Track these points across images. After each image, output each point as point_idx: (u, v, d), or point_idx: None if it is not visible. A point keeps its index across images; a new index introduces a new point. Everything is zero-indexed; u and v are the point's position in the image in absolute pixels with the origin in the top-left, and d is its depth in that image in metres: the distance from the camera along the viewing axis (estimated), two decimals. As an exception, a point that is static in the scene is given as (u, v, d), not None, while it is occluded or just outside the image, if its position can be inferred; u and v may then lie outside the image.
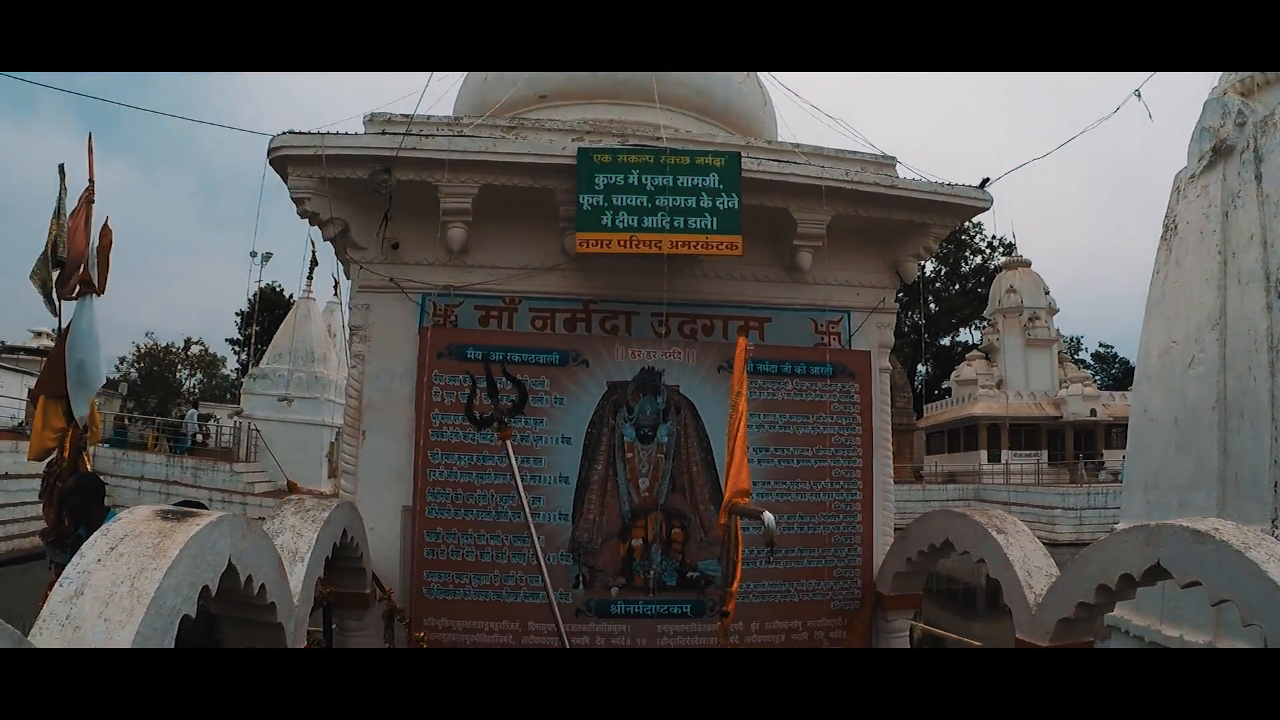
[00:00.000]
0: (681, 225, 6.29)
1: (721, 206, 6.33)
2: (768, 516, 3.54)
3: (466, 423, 6.36)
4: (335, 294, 36.03)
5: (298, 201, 6.57)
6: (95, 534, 2.89)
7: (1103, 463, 45.99)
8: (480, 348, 6.53)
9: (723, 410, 6.26)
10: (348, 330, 7.15)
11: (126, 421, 38.45)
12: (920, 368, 62.93)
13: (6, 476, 22.77)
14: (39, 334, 47.65)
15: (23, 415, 28.78)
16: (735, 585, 3.88)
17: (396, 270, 6.81)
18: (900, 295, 7.85)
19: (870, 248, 7.41)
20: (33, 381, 8.71)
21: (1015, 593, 5.31)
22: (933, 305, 63.03)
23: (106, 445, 30.08)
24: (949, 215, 7.23)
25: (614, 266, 6.72)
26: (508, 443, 5.69)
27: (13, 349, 48.02)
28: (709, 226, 6.31)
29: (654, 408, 6.75)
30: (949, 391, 55.66)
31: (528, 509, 5.67)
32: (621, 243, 6.27)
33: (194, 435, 34.93)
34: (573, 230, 6.37)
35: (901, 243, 7.35)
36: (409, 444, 6.63)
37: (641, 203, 6.28)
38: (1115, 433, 45.26)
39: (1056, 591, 4.99)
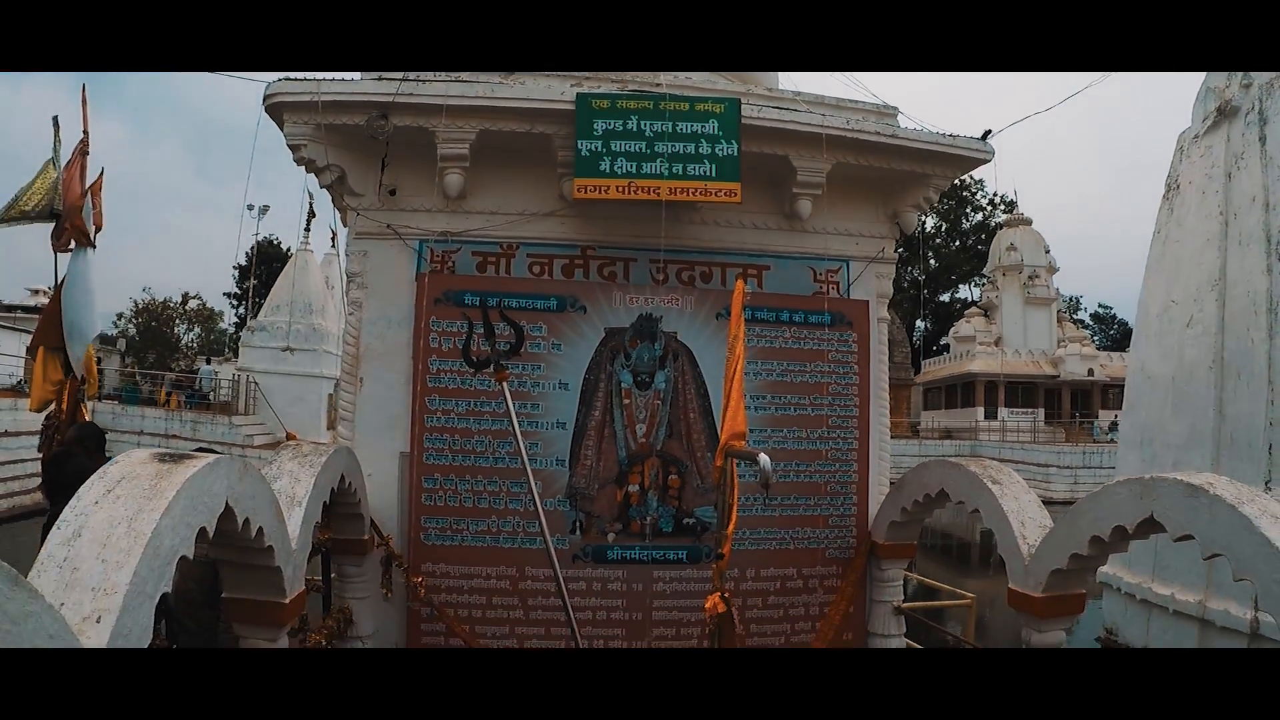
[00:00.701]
0: (680, 172, 6.26)
1: (721, 153, 6.29)
2: (763, 459, 3.54)
3: (464, 368, 6.37)
4: (333, 245, 35.80)
5: (294, 148, 6.53)
6: (92, 477, 2.89)
7: (1095, 419, 46.09)
8: (478, 293, 6.51)
9: (720, 357, 6.27)
10: (345, 278, 7.13)
11: (137, 378, 38.49)
12: (919, 323, 62.87)
13: (6, 434, 22.80)
14: (36, 292, 47.52)
15: (21, 373, 28.80)
16: (730, 528, 3.88)
17: (393, 217, 6.78)
18: (900, 250, 7.83)
19: (870, 197, 7.38)
20: (30, 339, 8.69)
21: (1009, 543, 5.34)
22: (933, 261, 62.82)
23: (118, 401, 30.14)
24: (950, 166, 7.19)
25: (612, 213, 6.69)
26: (504, 385, 5.69)
27: (10, 308, 47.90)
28: (708, 173, 6.28)
29: (651, 354, 6.76)
30: (947, 348, 55.58)
31: (524, 454, 5.69)
32: (620, 189, 6.24)
33: (209, 390, 34.90)
34: (571, 176, 6.34)
35: (902, 193, 7.31)
36: (406, 390, 6.64)
37: (640, 149, 6.24)
38: (1112, 393, 45.27)
39: (1050, 542, 5.02)
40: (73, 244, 7.14)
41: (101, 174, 7.55)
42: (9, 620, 1.98)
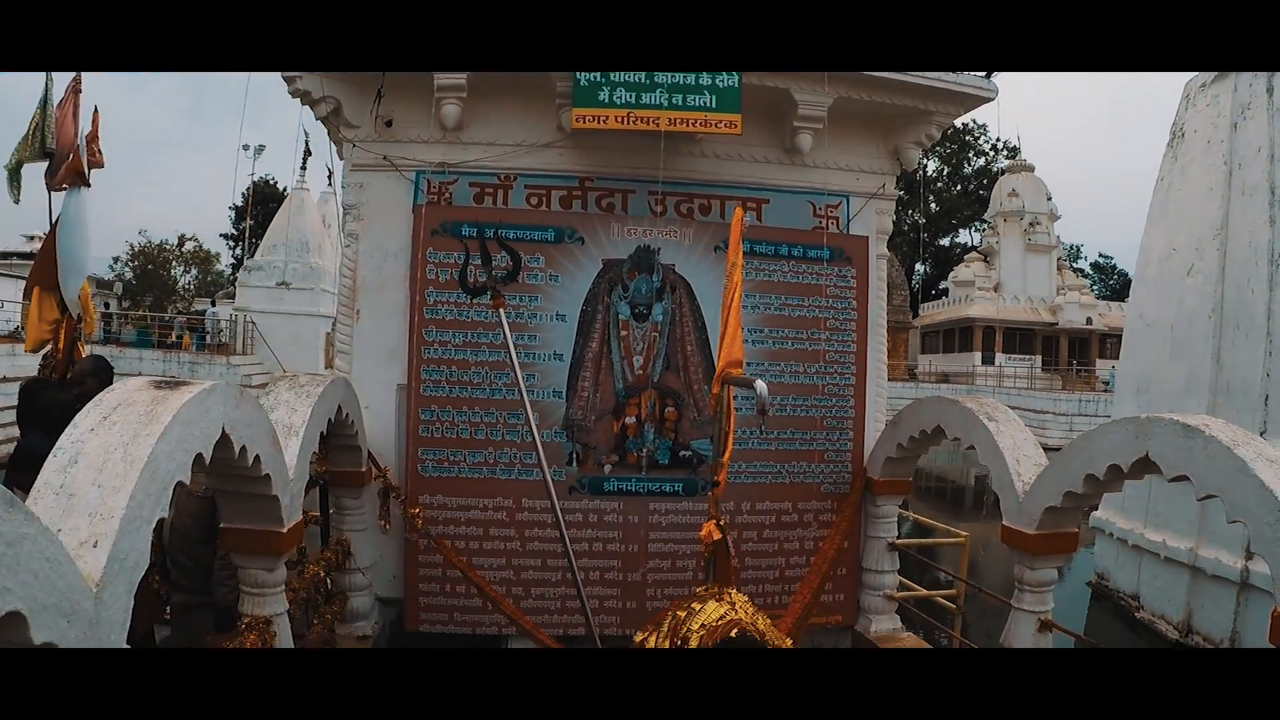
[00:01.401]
0: (680, 103, 6.19)
1: (721, 85, 6.22)
2: (760, 385, 3.53)
3: (461, 299, 6.37)
4: (329, 184, 35.57)
5: (289, 80, 6.46)
6: (88, 405, 2.88)
7: (1094, 368, 46.16)
8: (475, 225, 6.47)
9: (718, 290, 6.25)
10: (341, 211, 7.08)
11: (148, 320, 38.50)
12: (918, 267, 62.69)
13: (5, 380, 22.79)
14: (31, 238, 47.22)
15: (19, 320, 28.68)
16: (726, 456, 3.89)
17: (390, 148, 6.72)
18: (901, 193, 7.78)
19: (872, 133, 7.32)
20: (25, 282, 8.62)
21: (1004, 480, 5.36)
22: (933, 205, 62.49)
23: (115, 345, 30.08)
24: (953, 104, 7.12)
25: (611, 144, 6.64)
26: (501, 311, 5.68)
27: (5, 254, 47.65)
28: (708, 104, 6.21)
29: (649, 286, 6.73)
30: (946, 292, 55.49)
31: (521, 383, 5.68)
32: (619, 119, 6.18)
33: (215, 331, 34.91)
34: (569, 107, 6.27)
35: (904, 129, 7.25)
36: (403, 322, 6.63)
37: (640, 79, 6.17)
38: (1110, 343, 45.27)
39: (1045, 480, 5.04)
40: (66, 184, 7.07)
41: (96, 114, 7.45)
42: (4, 543, 1.98)
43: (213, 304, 41.92)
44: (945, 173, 64.99)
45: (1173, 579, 11.00)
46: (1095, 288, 61.90)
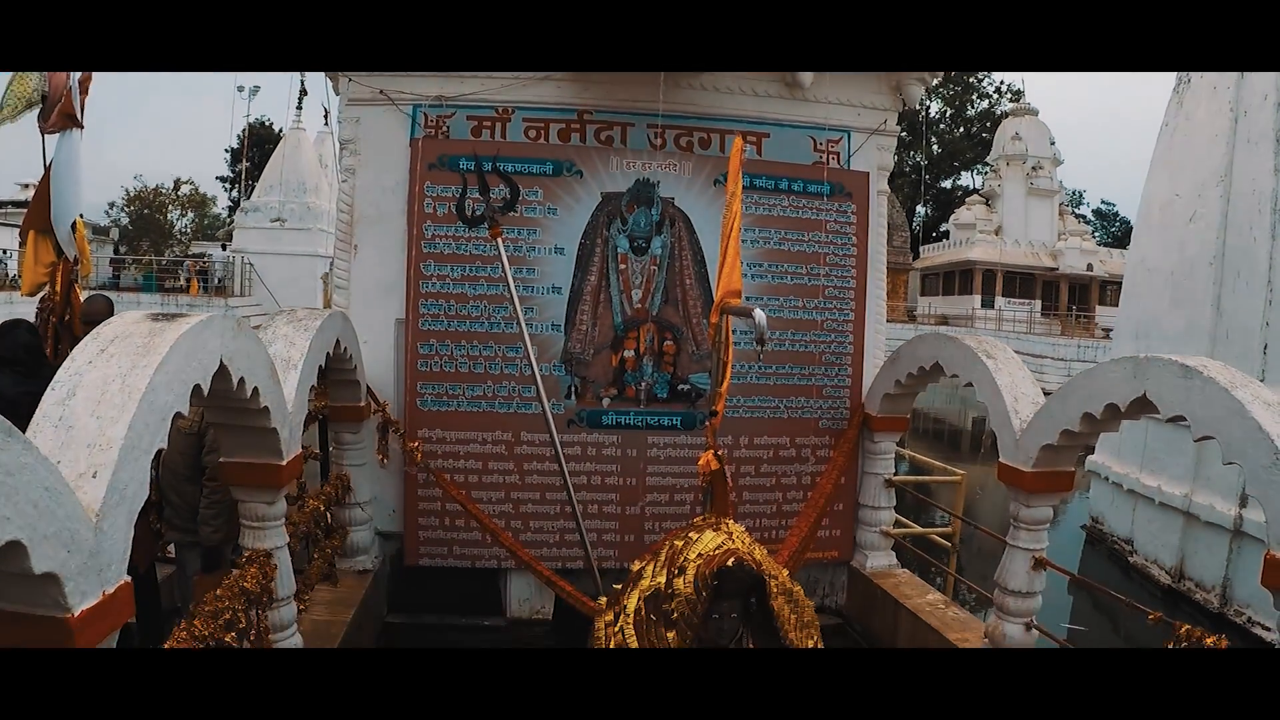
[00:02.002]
0: (680, 34, 6.10)
1: (722, 15, 6.12)
2: (758, 314, 3.51)
3: (460, 233, 6.34)
4: (325, 124, 35.21)
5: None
6: (85, 338, 2.87)
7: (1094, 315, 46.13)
8: (472, 158, 6.42)
9: (718, 224, 6.20)
10: (338, 148, 7.02)
11: (155, 266, 38.35)
12: (919, 209, 62.39)
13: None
14: (26, 186, 46.65)
15: (15, 268, 28.51)
16: (724, 386, 3.89)
17: (386, 81, 6.64)
18: (903, 133, 7.70)
19: (874, 66, 7.22)
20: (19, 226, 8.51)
21: (1001, 417, 5.36)
22: (935, 147, 62.04)
23: (115, 290, 29.98)
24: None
25: (610, 76, 6.56)
26: (499, 241, 5.64)
27: (0, 203, 47.13)
28: (708, 36, 6.12)
29: (648, 220, 6.69)
30: (947, 235, 55.17)
31: (520, 315, 5.68)
32: (618, 50, 6.09)
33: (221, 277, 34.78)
34: (568, 37, 6.18)
35: (906, 63, 7.15)
36: (401, 257, 6.60)
37: (639, 9, 6.07)
38: (1110, 289, 45.11)
39: (1042, 418, 5.03)
40: (58, 127, 6.99)
41: None
42: (3, 472, 1.99)
43: (223, 248, 41.60)
44: (948, 115, 64.45)
45: (1167, 524, 11.06)
46: (1097, 234, 61.62)
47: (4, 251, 28.58)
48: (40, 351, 5.29)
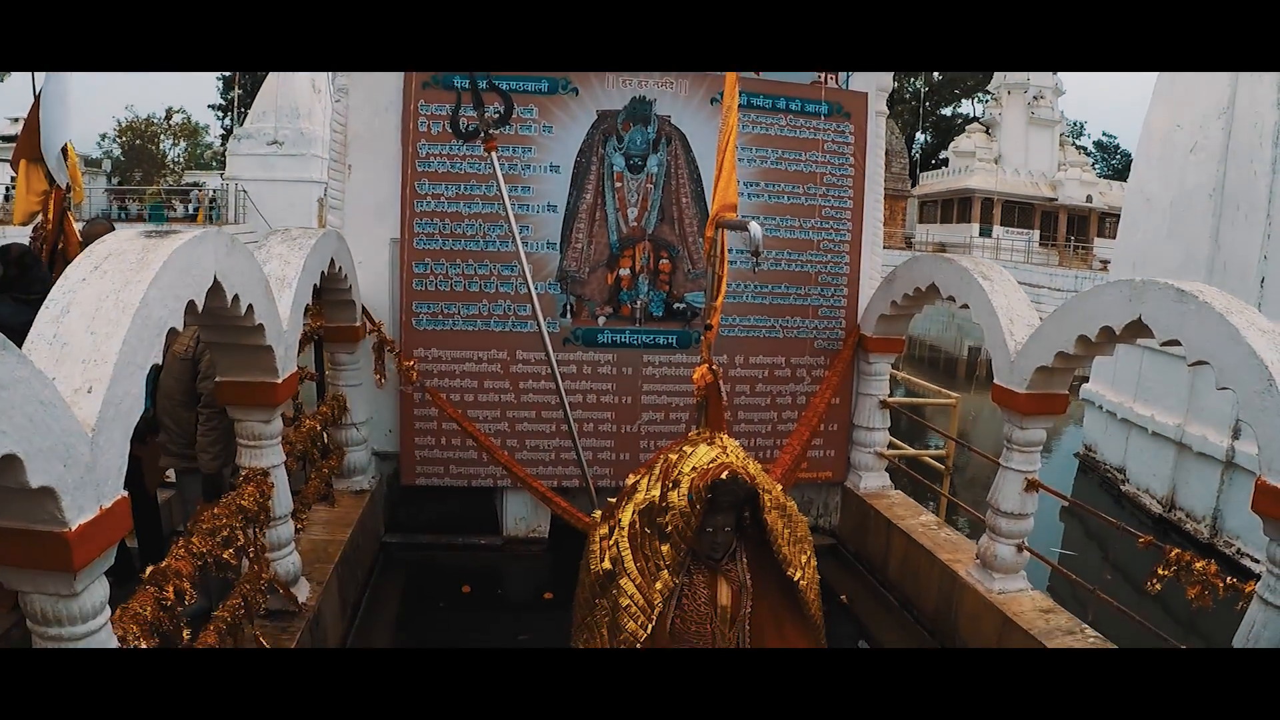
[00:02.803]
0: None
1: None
2: (754, 226, 3.50)
3: (454, 151, 6.29)
4: (320, 46, 34.58)
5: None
6: (79, 256, 2.86)
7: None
8: (466, 75, 6.33)
9: (714, 143, 6.13)
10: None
11: (162, 196, 38.05)
12: (919, 136, 61.88)
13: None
14: (16, 120, 45.98)
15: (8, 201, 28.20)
16: (719, 299, 3.87)
17: (380, -3, 6.50)
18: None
19: (875, -18, 7.09)
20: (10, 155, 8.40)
21: (996, 339, 5.36)
22: (936, 73, 61.29)
23: (150, 220, 29.72)
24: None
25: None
26: (494, 156, 5.59)
27: (-8, 137, 46.52)
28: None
29: (644, 138, 6.62)
30: (946, 163, 54.74)
31: (516, 233, 5.65)
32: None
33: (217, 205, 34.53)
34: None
35: (908, -21, 7.02)
36: (395, 176, 6.54)
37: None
38: (1109, 222, 44.86)
39: (1037, 339, 5.03)
40: None
41: None
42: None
43: (222, 178, 41.21)
44: (950, 40, 63.44)
45: (1159, 454, 11.13)
46: (1097, 166, 61.10)
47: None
48: (37, 260, 5.27)
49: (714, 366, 3.73)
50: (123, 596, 2.90)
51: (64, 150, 6.72)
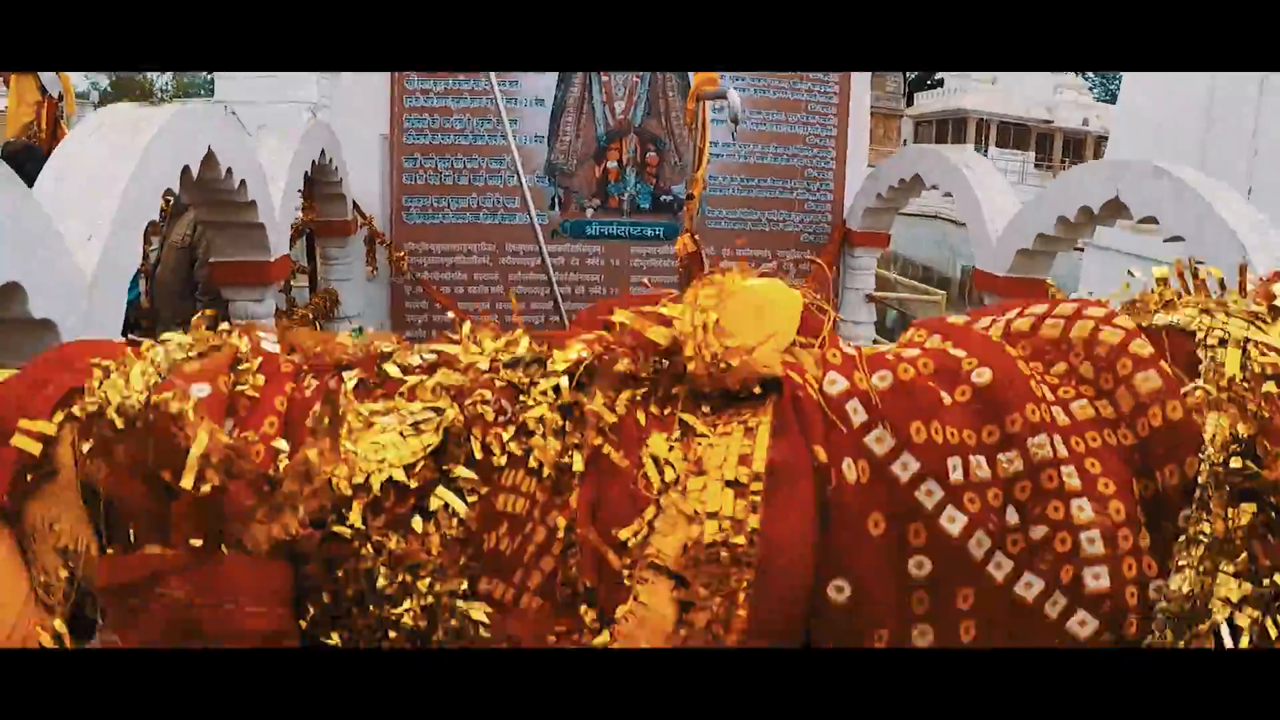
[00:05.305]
0: None
1: None
2: (732, 94, 3.57)
3: None
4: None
5: None
6: (76, 126, 2.97)
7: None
8: None
9: (700, 34, 6.16)
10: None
11: None
12: (914, 56, 61.04)
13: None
14: (2, 34, 45.20)
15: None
16: (701, 171, 3.94)
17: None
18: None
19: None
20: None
21: (978, 224, 5.44)
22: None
23: None
24: None
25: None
26: None
27: (-23, 56, 45.76)
28: None
29: (632, 29, 6.62)
30: (941, 83, 54.21)
31: (507, 125, 5.69)
32: None
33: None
34: None
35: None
36: (384, 72, 6.54)
37: None
38: (1105, 146, 44.50)
39: (1018, 222, 5.11)
40: None
41: None
42: (3, 213, 2.10)
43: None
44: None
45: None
46: (1094, 91, 60.45)
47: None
48: (38, 148, 5.34)
49: (695, 236, 3.81)
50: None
51: None
